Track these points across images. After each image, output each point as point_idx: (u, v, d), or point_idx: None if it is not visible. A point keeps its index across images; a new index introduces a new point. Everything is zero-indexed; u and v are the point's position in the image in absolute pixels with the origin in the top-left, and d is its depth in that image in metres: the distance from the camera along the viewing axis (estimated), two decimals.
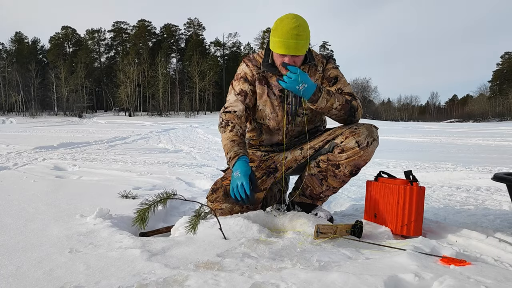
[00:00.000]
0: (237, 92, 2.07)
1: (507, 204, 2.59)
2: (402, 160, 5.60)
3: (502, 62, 72.07)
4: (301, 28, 1.79)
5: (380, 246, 1.61)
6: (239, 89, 2.07)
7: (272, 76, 2.02)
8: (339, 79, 2.03)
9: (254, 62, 2.09)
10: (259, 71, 2.06)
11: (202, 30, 68.96)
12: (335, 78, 2.03)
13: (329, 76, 2.03)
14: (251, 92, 2.07)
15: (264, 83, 2.05)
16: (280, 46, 1.83)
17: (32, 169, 4.16)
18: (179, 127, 21.15)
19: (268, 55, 2.01)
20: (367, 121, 3.60)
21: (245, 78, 2.08)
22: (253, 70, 2.07)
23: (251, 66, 2.08)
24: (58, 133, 13.65)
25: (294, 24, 1.78)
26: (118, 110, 59.16)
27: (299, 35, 1.79)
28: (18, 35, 63.89)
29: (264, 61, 2.02)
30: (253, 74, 2.07)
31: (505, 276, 1.21)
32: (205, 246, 1.49)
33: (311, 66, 2.03)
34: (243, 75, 2.09)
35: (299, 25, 1.79)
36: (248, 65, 2.09)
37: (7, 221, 1.89)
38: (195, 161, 5.43)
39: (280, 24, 1.82)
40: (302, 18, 1.85)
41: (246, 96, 2.06)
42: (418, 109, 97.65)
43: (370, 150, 1.89)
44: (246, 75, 2.08)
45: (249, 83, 2.07)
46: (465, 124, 40.08)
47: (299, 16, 1.85)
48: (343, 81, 2.03)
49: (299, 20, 1.81)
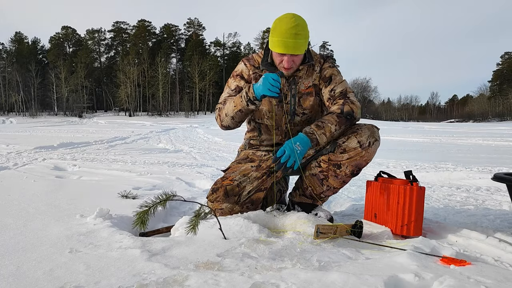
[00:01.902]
0: (232, 89, 2.09)
1: (507, 204, 2.59)
2: (402, 160, 5.60)
3: (502, 62, 72.07)
4: (300, 27, 1.80)
5: (380, 246, 1.61)
6: (234, 86, 2.09)
7: None
8: (333, 78, 2.02)
9: (252, 61, 2.10)
10: (256, 71, 2.07)
11: (202, 30, 69.03)
12: (329, 78, 2.02)
13: (325, 76, 2.03)
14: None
15: None
16: (279, 45, 1.83)
17: (32, 169, 4.16)
18: (179, 127, 21.16)
19: (268, 55, 2.02)
20: (367, 122, 3.60)
21: (241, 75, 2.10)
22: (250, 69, 2.08)
23: (248, 65, 2.09)
24: (58, 133, 13.65)
25: (293, 23, 1.79)
26: (118, 110, 59.16)
27: (297, 34, 1.79)
28: (18, 35, 63.92)
29: (264, 60, 2.03)
30: (250, 73, 2.08)
31: (505, 276, 1.21)
32: (205, 246, 1.49)
33: (309, 66, 2.03)
34: (239, 73, 2.11)
35: (297, 25, 1.79)
36: (246, 64, 2.10)
37: (7, 221, 1.89)
38: (195, 161, 5.43)
39: (279, 23, 1.83)
40: (301, 18, 1.85)
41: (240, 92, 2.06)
42: (418, 109, 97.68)
43: (371, 150, 1.89)
44: (243, 73, 2.10)
45: (245, 81, 2.09)
46: (465, 124, 40.10)
47: (298, 16, 1.85)
48: (337, 79, 2.01)
49: (298, 20, 1.81)
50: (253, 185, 1.97)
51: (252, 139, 2.21)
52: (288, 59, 1.88)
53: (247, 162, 2.07)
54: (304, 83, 2.02)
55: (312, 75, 2.03)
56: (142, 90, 57.69)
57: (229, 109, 1.98)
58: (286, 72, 1.95)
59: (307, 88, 2.03)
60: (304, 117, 2.06)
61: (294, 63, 1.92)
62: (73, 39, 65.59)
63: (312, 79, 2.03)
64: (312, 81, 2.03)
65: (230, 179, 1.97)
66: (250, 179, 1.97)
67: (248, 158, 2.11)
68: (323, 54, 2.12)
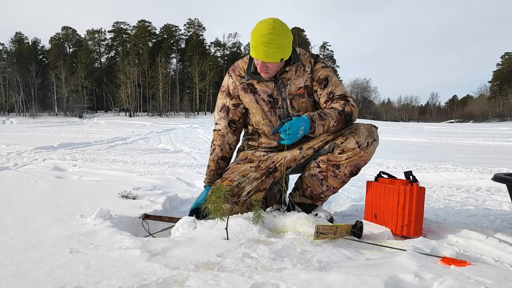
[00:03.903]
0: (220, 108, 2.16)
1: (508, 205, 2.58)
2: (402, 160, 5.59)
3: (502, 62, 72.05)
4: (275, 36, 1.74)
5: (380, 247, 1.61)
6: (221, 104, 2.15)
7: (259, 82, 2.00)
8: (329, 79, 1.98)
9: (237, 71, 2.08)
10: (242, 81, 2.04)
11: (202, 30, 69.03)
12: (325, 80, 1.97)
13: (319, 78, 1.98)
14: (233, 106, 2.11)
15: (250, 91, 2.03)
16: (252, 50, 1.84)
17: (32, 169, 4.16)
18: (179, 128, 21.16)
19: (252, 62, 1.99)
20: (367, 122, 3.59)
21: (227, 92, 2.12)
22: (236, 81, 2.07)
23: (233, 77, 2.08)
24: (58, 134, 13.65)
25: (267, 31, 1.74)
26: (118, 111, 59.17)
27: (269, 43, 1.75)
28: (18, 36, 63.92)
29: (248, 69, 2.00)
30: (236, 85, 2.06)
31: (505, 276, 1.21)
32: (205, 246, 1.49)
33: (298, 67, 1.98)
34: (225, 89, 2.13)
35: (272, 33, 1.74)
36: (231, 76, 2.10)
37: (7, 221, 1.89)
38: (195, 161, 5.43)
39: (256, 27, 1.80)
40: (281, 26, 1.78)
41: (228, 111, 2.12)
42: (418, 110, 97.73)
43: (370, 150, 1.89)
44: (228, 88, 2.11)
45: (230, 97, 2.11)
46: (465, 125, 40.07)
47: (279, 23, 1.78)
48: (334, 81, 1.98)
49: (276, 28, 1.75)
50: (252, 186, 1.97)
51: (250, 140, 2.21)
52: (261, 64, 1.86)
53: (246, 163, 2.07)
54: (294, 84, 1.98)
55: (303, 76, 1.98)
56: (142, 90, 57.69)
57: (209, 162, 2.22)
58: (265, 76, 1.94)
59: (298, 89, 1.99)
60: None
61: (268, 68, 1.89)
62: (73, 40, 65.60)
63: (303, 80, 1.98)
64: (303, 82, 1.98)
65: (229, 179, 1.97)
66: (249, 179, 1.97)
67: (247, 159, 2.11)
68: (312, 53, 2.06)
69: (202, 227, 1.76)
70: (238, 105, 2.11)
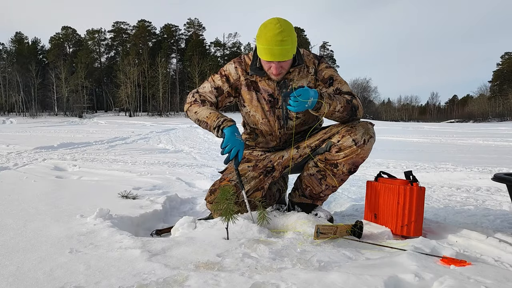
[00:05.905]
0: (215, 86, 2.04)
1: (507, 205, 2.59)
2: (402, 160, 5.59)
3: (502, 62, 72.11)
4: (285, 33, 1.74)
5: (380, 247, 1.61)
6: (217, 85, 2.04)
7: (261, 80, 1.99)
8: (335, 78, 1.97)
9: (243, 66, 2.03)
10: (247, 77, 2.02)
11: (202, 30, 69.10)
12: (330, 79, 1.97)
13: (324, 77, 1.98)
14: (227, 93, 2.04)
15: (252, 89, 2.01)
16: (266, 53, 1.79)
17: (32, 169, 4.16)
18: (179, 127, 21.14)
19: (256, 59, 1.97)
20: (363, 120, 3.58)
21: (227, 78, 2.04)
22: (241, 75, 2.02)
23: (239, 70, 2.03)
24: (58, 133, 13.64)
25: (278, 29, 1.73)
26: (118, 111, 59.20)
27: (283, 40, 1.74)
28: (18, 35, 63.98)
29: (252, 64, 1.98)
30: (240, 79, 2.02)
31: (505, 276, 1.21)
32: (205, 246, 1.49)
33: (302, 68, 1.97)
34: (227, 74, 2.05)
35: (282, 31, 1.73)
36: (236, 67, 2.04)
37: (7, 221, 1.89)
38: (195, 161, 5.43)
39: (264, 30, 1.77)
40: (286, 22, 1.79)
41: (221, 94, 2.04)
42: (418, 110, 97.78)
43: (367, 147, 1.88)
44: (230, 75, 2.04)
45: (229, 85, 2.04)
46: (465, 125, 40.08)
47: (283, 21, 1.79)
48: (339, 80, 1.98)
49: (283, 25, 1.75)
50: (250, 185, 1.97)
51: (248, 140, 2.21)
52: (276, 66, 1.84)
53: (244, 162, 2.07)
54: (296, 84, 1.95)
55: (306, 77, 1.97)
56: (142, 90, 57.71)
57: (201, 114, 1.91)
58: (276, 77, 1.92)
59: None
60: (298, 121, 2.02)
61: (283, 68, 1.87)
62: (73, 40, 65.65)
63: (306, 81, 1.97)
64: (306, 83, 1.97)
65: (228, 179, 1.97)
66: (247, 179, 1.97)
67: (244, 158, 2.11)
68: (316, 54, 2.06)
69: (202, 227, 1.76)
70: (230, 95, 2.05)
